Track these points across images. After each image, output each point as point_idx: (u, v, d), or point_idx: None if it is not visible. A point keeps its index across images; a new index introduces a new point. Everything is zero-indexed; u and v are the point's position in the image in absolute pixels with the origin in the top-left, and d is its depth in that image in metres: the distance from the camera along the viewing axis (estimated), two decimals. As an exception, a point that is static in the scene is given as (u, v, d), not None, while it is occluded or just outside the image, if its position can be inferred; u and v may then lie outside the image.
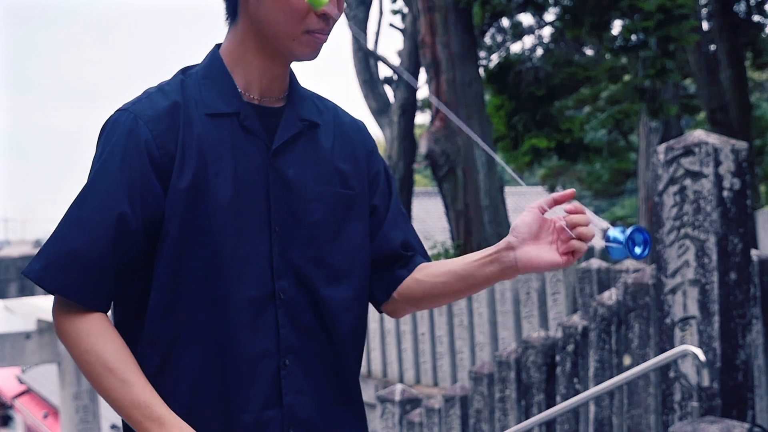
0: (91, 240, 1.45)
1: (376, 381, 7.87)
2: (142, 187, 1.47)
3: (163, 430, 1.42)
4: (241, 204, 1.51)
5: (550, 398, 4.54)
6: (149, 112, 1.50)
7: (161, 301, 1.48)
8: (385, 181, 1.72)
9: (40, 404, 23.40)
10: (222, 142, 1.52)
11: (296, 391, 1.53)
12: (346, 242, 1.60)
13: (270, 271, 1.52)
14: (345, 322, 1.59)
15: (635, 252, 1.56)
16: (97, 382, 1.46)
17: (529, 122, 10.20)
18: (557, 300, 5.79)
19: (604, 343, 4.20)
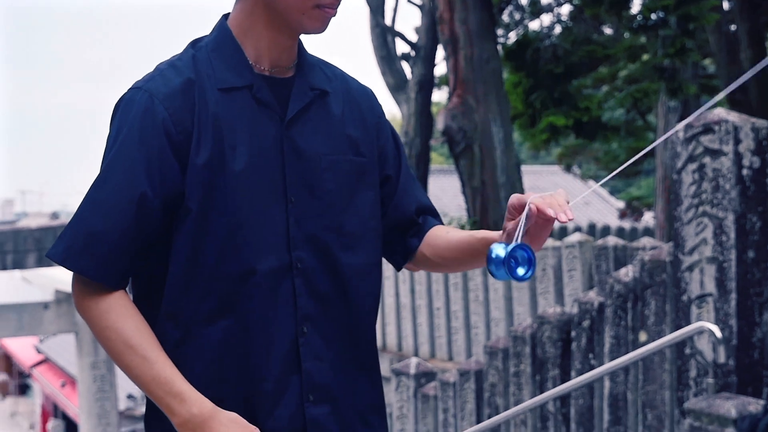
0: (112, 221, 1.48)
1: (391, 355, 7.94)
2: (161, 167, 1.49)
3: (183, 406, 1.46)
4: (258, 176, 1.54)
5: (564, 373, 4.58)
6: (164, 89, 1.52)
7: (180, 276, 1.51)
8: (394, 148, 1.76)
9: (57, 373, 23.67)
10: (236, 116, 1.54)
11: (314, 358, 1.56)
12: (359, 209, 1.63)
13: (287, 241, 1.55)
14: (361, 287, 1.63)
15: (517, 272, 1.43)
16: (118, 359, 1.50)
17: (547, 100, 10.17)
18: (573, 276, 5.82)
19: (620, 320, 4.23)
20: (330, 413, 1.58)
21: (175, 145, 1.50)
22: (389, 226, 1.73)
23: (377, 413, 1.68)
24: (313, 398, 1.56)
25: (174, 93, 1.52)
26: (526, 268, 1.43)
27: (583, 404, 4.42)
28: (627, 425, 4.15)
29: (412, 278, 7.69)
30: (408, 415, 5.88)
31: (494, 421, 4.86)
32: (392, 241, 1.75)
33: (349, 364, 1.62)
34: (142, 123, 1.50)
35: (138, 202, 1.48)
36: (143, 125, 1.50)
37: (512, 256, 1.42)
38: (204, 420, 1.46)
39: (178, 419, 1.47)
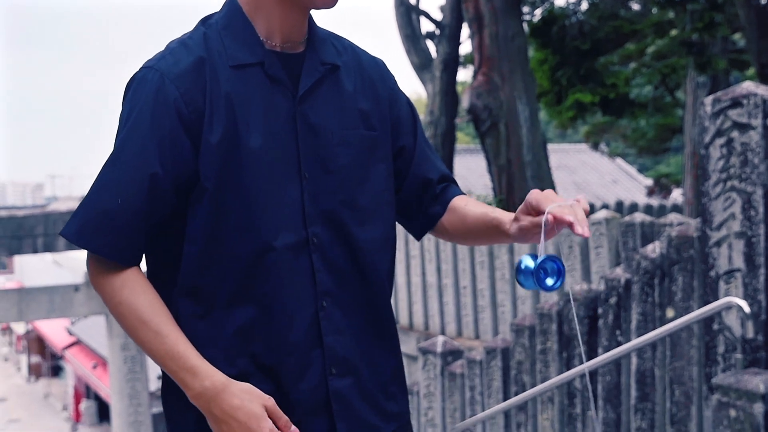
0: (124, 201, 1.49)
1: (417, 334, 7.96)
2: (173, 147, 1.50)
3: (196, 379, 1.48)
4: (272, 153, 1.54)
5: (591, 350, 4.57)
6: (175, 69, 1.52)
7: (197, 255, 1.53)
8: (410, 118, 1.76)
9: (89, 355, 24.00)
10: (249, 93, 1.54)
11: (335, 332, 1.58)
12: (372, 183, 1.64)
13: (302, 217, 1.55)
14: (377, 261, 1.64)
15: (546, 283, 1.45)
16: (132, 334, 1.52)
17: (573, 77, 10.08)
18: (600, 254, 5.78)
19: (647, 296, 4.21)
20: (352, 385, 1.60)
21: (186, 125, 1.51)
22: (408, 196, 1.75)
23: (398, 383, 1.70)
24: (336, 371, 1.58)
25: (185, 72, 1.52)
26: (555, 279, 1.45)
27: (611, 381, 4.40)
28: (654, 402, 4.14)
29: (438, 257, 7.70)
30: (435, 393, 5.90)
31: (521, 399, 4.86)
32: (412, 210, 1.76)
33: (369, 336, 1.63)
34: (154, 103, 1.51)
35: (149, 181, 1.49)
36: (155, 105, 1.50)
37: (541, 267, 1.44)
38: (217, 392, 1.48)
39: (191, 392, 1.49)
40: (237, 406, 1.47)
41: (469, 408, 5.60)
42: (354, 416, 1.60)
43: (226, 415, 1.47)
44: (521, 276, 1.45)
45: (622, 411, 4.36)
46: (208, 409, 1.49)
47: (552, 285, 1.45)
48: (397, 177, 1.74)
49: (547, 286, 1.45)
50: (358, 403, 1.60)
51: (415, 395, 6.14)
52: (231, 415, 1.47)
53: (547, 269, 1.45)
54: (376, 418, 1.63)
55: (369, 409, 1.62)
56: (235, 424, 1.47)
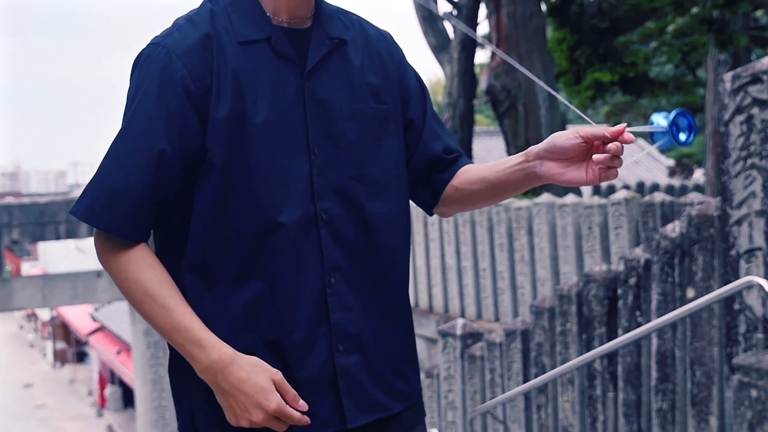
0: (132, 178, 1.49)
1: (437, 316, 7.95)
2: (180, 123, 1.49)
3: (203, 352, 1.48)
4: (280, 129, 1.53)
5: (611, 331, 4.54)
6: (182, 45, 1.51)
7: (204, 231, 1.52)
8: (418, 91, 1.74)
9: (113, 341, 24.22)
10: (256, 69, 1.53)
11: (343, 308, 1.57)
12: (383, 157, 1.63)
13: (311, 192, 1.54)
14: (389, 236, 1.62)
15: (679, 138, 1.48)
16: (139, 308, 1.51)
17: (592, 56, 9.97)
18: (620, 234, 5.74)
19: (667, 276, 4.17)
20: (360, 363, 1.58)
21: (194, 101, 1.50)
22: (417, 169, 1.73)
23: (409, 362, 1.68)
24: (343, 348, 1.57)
25: (192, 48, 1.51)
26: (687, 133, 1.48)
27: (631, 362, 4.37)
28: (675, 382, 4.10)
29: (458, 240, 7.67)
30: (455, 375, 5.89)
31: (541, 381, 4.80)
32: (421, 182, 1.75)
33: (380, 313, 1.61)
34: (161, 80, 1.50)
35: (157, 158, 1.49)
36: (162, 82, 1.50)
37: (674, 123, 1.48)
38: (224, 365, 1.47)
39: (199, 365, 1.49)
40: (244, 378, 1.47)
41: (489, 390, 5.59)
42: (362, 394, 1.59)
43: (234, 388, 1.47)
44: (656, 134, 1.49)
45: (642, 392, 4.33)
46: (216, 383, 1.48)
47: (686, 139, 1.48)
48: (406, 150, 1.73)
49: (681, 140, 1.48)
50: (366, 380, 1.59)
51: (435, 378, 6.14)
52: (238, 388, 1.47)
53: (679, 125, 1.48)
54: (385, 397, 1.62)
55: (378, 388, 1.61)
56: (242, 397, 1.47)
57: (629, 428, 4.37)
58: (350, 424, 1.57)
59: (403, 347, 1.66)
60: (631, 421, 4.36)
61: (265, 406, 1.47)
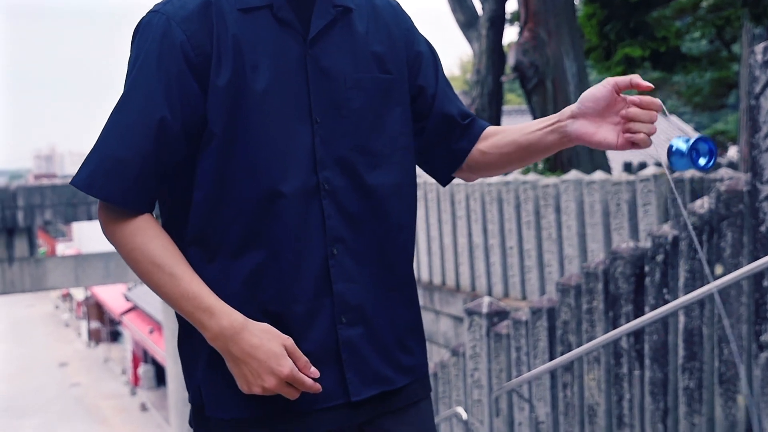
0: (134, 146, 1.46)
1: (464, 295, 7.91)
2: (180, 90, 1.47)
3: (213, 319, 1.45)
4: (282, 97, 1.50)
5: (638, 309, 4.47)
6: (181, 12, 1.49)
7: (205, 201, 1.50)
8: (429, 58, 1.70)
9: (146, 320, 24.50)
10: (257, 36, 1.50)
11: (346, 279, 1.54)
12: (386, 128, 1.59)
13: (313, 162, 1.52)
14: (393, 207, 1.59)
15: (699, 163, 1.50)
16: (147, 278, 1.49)
17: (622, 31, 9.80)
18: (648, 211, 5.65)
19: (695, 253, 4.09)
20: (364, 334, 1.56)
21: (194, 68, 1.47)
22: (433, 136, 1.70)
23: (414, 334, 1.65)
24: (346, 320, 1.54)
25: (191, 15, 1.49)
26: (707, 159, 1.50)
27: (658, 340, 4.30)
28: (702, 361, 4.03)
29: (485, 217, 7.61)
30: (481, 354, 5.86)
31: (567, 359, 4.75)
32: (436, 151, 1.72)
33: (384, 284, 1.59)
34: (160, 47, 1.47)
35: (158, 126, 1.46)
36: (161, 49, 1.47)
37: (694, 147, 1.48)
38: (236, 332, 1.45)
39: (209, 333, 1.46)
40: (256, 345, 1.45)
41: (515, 368, 5.55)
42: (365, 366, 1.56)
43: (246, 354, 1.45)
44: (674, 158, 1.50)
45: (669, 370, 4.26)
46: (227, 349, 1.46)
47: (705, 164, 1.50)
48: (419, 118, 1.69)
49: (700, 165, 1.50)
50: (369, 353, 1.56)
51: (461, 357, 6.11)
52: (250, 354, 1.45)
53: (699, 150, 1.49)
54: (390, 370, 1.59)
55: (381, 360, 1.58)
56: (254, 363, 1.45)
57: (655, 407, 4.31)
58: (354, 398, 1.54)
59: (407, 320, 1.63)
60: (658, 399, 4.30)
61: (278, 371, 1.45)
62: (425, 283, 8.71)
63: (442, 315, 8.34)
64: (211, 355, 1.52)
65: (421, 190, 8.69)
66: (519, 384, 5.10)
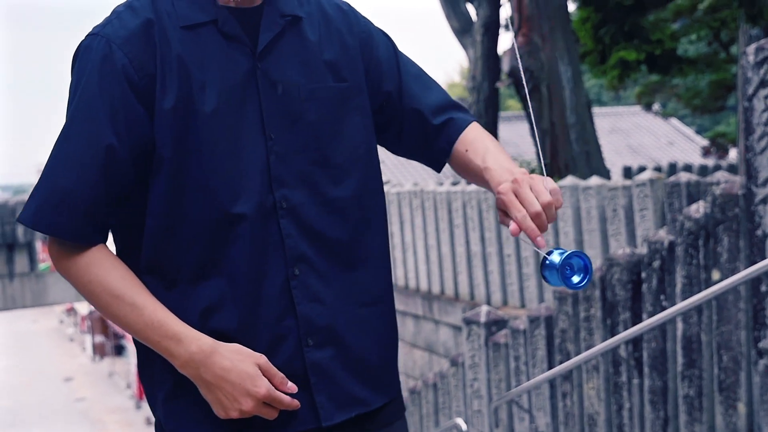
0: (81, 177, 1.40)
1: (463, 304, 7.85)
2: (126, 115, 1.41)
3: (181, 346, 1.40)
4: (231, 115, 1.45)
5: (636, 316, 4.41)
6: (122, 33, 1.43)
7: (158, 229, 1.44)
8: (390, 59, 1.64)
9: (148, 334, 24.39)
10: (203, 54, 1.45)
11: (311, 300, 1.48)
12: (346, 138, 1.54)
13: (268, 180, 1.46)
14: (357, 219, 1.54)
15: (571, 281, 1.37)
16: (107, 312, 1.43)
17: (617, 34, 9.75)
18: (645, 216, 5.59)
19: (692, 258, 4.02)
20: (335, 356, 1.50)
21: (138, 91, 1.42)
22: (411, 136, 1.65)
23: (388, 353, 1.59)
24: (313, 342, 1.48)
25: (132, 36, 1.43)
26: (581, 276, 1.39)
27: (656, 347, 4.24)
28: (702, 368, 3.97)
29: (482, 226, 7.55)
30: (480, 364, 5.80)
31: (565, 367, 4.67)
32: (421, 148, 1.68)
33: (356, 301, 1.53)
34: (101, 71, 1.42)
35: (105, 154, 1.41)
36: (102, 74, 1.42)
37: (567, 263, 1.37)
38: (205, 356, 1.40)
39: (178, 361, 1.41)
40: (228, 367, 1.40)
41: (514, 378, 5.49)
42: (337, 389, 1.50)
43: (218, 379, 1.40)
44: (546, 271, 1.39)
45: (668, 378, 4.19)
46: (198, 375, 1.41)
47: (577, 283, 1.38)
48: (393, 124, 1.64)
49: (572, 283, 1.39)
50: (341, 374, 1.51)
51: (460, 367, 6.05)
52: (223, 377, 1.40)
53: (573, 265, 1.38)
54: (364, 391, 1.53)
55: (355, 381, 1.52)
56: (228, 387, 1.40)
57: (656, 415, 4.24)
58: (325, 422, 1.49)
59: (381, 338, 1.57)
60: (658, 408, 4.23)
61: (254, 392, 1.40)
62: (424, 292, 8.64)
63: (442, 324, 8.28)
64: (171, 386, 1.47)
65: (419, 198, 8.64)
66: (518, 394, 5.04)
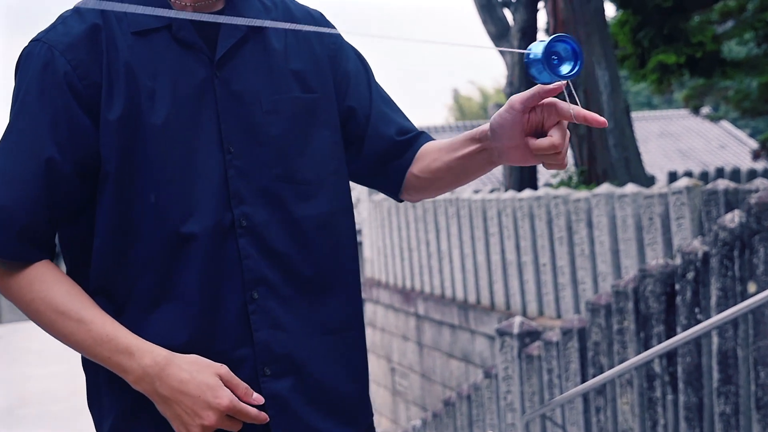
0: (18, 192, 1.32)
1: (499, 313, 7.71)
2: (69, 126, 1.32)
3: (133, 360, 1.30)
4: (185, 127, 1.35)
5: (670, 329, 4.25)
6: (65, 39, 1.34)
7: (106, 249, 1.35)
8: (359, 75, 1.54)
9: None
10: (155, 61, 1.35)
11: (270, 326, 1.37)
12: (313, 152, 1.43)
13: (226, 197, 1.36)
14: (326, 240, 1.43)
15: (560, 71, 1.20)
16: (52, 330, 1.34)
17: (656, 37, 9.52)
18: (682, 225, 5.41)
19: (727, 270, 3.86)
20: (295, 386, 1.39)
21: (83, 101, 1.33)
22: (371, 160, 1.54)
23: (357, 382, 1.47)
24: (271, 372, 1.37)
25: (77, 42, 1.34)
26: (571, 65, 1.22)
27: (690, 362, 4.08)
28: (738, 384, 3.80)
29: (517, 234, 7.41)
30: (513, 376, 5.67)
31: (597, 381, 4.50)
32: (378, 172, 1.56)
33: (322, 328, 1.42)
34: (42, 79, 1.33)
35: (45, 167, 1.32)
36: (43, 82, 1.33)
37: (551, 52, 1.20)
38: (161, 369, 1.30)
39: (132, 376, 1.31)
40: (186, 379, 1.29)
41: (547, 391, 5.35)
42: (297, 422, 1.39)
43: (176, 392, 1.29)
44: (532, 69, 1.22)
45: (704, 394, 4.03)
46: (155, 391, 1.31)
47: (568, 72, 1.21)
48: (353, 141, 1.53)
49: (562, 73, 1.21)
50: (302, 407, 1.39)
51: (494, 379, 5.93)
52: (181, 390, 1.29)
53: (560, 53, 1.21)
54: (329, 422, 1.42)
55: (318, 414, 1.41)
56: (188, 401, 1.29)
57: (691, 433, 4.08)
58: None
59: (350, 366, 1.46)
60: (693, 425, 4.07)
61: (216, 404, 1.29)
62: (460, 301, 8.52)
63: (478, 334, 8.15)
64: (119, 415, 1.37)
65: (454, 206, 8.52)
66: (551, 408, 4.90)
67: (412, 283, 9.84)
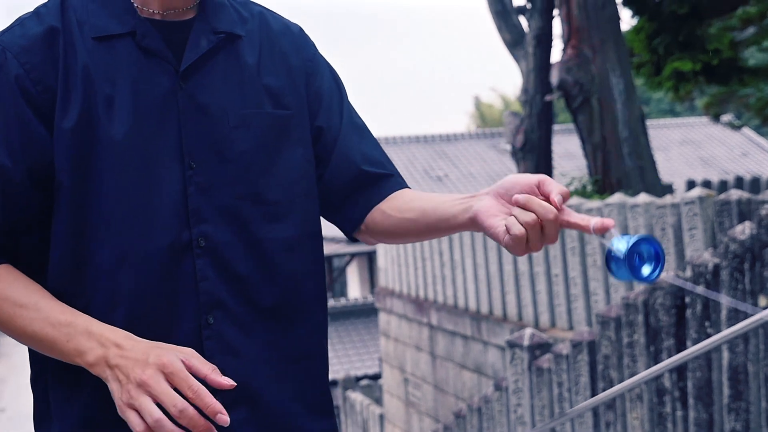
0: None
1: (511, 325, 7.61)
2: (21, 132, 1.27)
3: (92, 340, 1.22)
4: (144, 140, 1.29)
5: (680, 343, 4.15)
6: (20, 41, 1.29)
7: (63, 261, 1.29)
8: (332, 95, 1.47)
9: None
10: (115, 69, 1.29)
11: (225, 352, 1.30)
12: (284, 172, 1.36)
13: (185, 215, 1.29)
14: (291, 264, 1.36)
15: (641, 273, 1.17)
16: (11, 325, 1.26)
17: (672, 45, 9.40)
18: (694, 236, 5.30)
19: (737, 282, 3.76)
20: (249, 418, 1.32)
21: (36, 107, 1.27)
22: (333, 185, 1.46)
23: (319, 411, 1.39)
24: (223, 401, 1.30)
25: (32, 45, 1.29)
26: (652, 267, 1.19)
27: (701, 377, 3.98)
28: (749, 401, 3.70)
29: (530, 244, 7.30)
30: (523, 389, 5.58)
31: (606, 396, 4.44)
32: (338, 201, 1.48)
33: (282, 356, 1.35)
34: None
35: None
36: None
37: (635, 251, 1.19)
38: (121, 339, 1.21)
39: (91, 356, 1.22)
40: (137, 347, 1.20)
41: (557, 405, 5.26)
42: None
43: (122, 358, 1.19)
44: (613, 264, 1.20)
45: (714, 411, 3.92)
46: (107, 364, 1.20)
47: (649, 275, 1.19)
48: (318, 164, 1.46)
49: (643, 276, 1.20)
50: None
51: (504, 391, 5.84)
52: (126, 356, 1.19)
53: (643, 253, 1.19)
54: None
55: None
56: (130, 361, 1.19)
57: (701, 451, 3.97)
58: None
59: (311, 395, 1.38)
60: (704, 442, 3.96)
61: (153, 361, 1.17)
62: (472, 312, 8.43)
63: (490, 346, 8.05)
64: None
65: (467, 215, 8.43)
66: (560, 423, 4.82)
67: (425, 292, 9.76)
